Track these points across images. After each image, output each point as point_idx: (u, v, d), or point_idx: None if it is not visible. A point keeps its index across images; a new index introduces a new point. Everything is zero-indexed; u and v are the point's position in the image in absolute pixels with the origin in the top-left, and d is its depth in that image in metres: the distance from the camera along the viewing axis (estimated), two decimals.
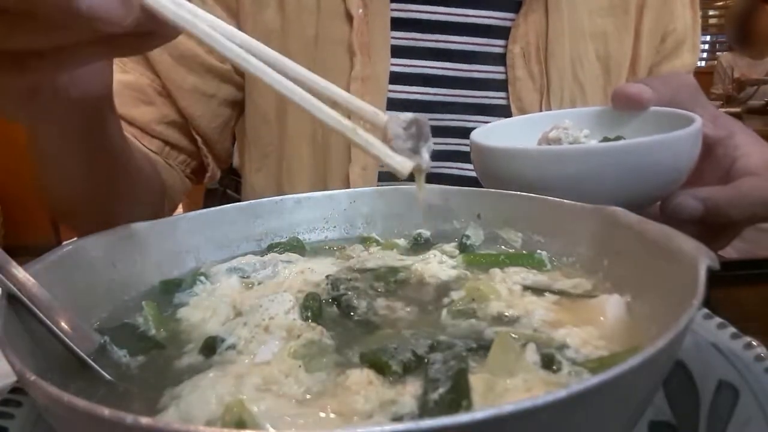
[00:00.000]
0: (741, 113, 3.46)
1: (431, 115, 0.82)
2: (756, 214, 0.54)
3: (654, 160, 0.51)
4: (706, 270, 0.30)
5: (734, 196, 0.54)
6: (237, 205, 0.55)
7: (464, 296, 0.42)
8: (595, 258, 0.44)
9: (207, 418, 0.29)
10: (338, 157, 0.80)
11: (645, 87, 0.59)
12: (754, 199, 0.54)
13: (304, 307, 0.41)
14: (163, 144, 0.82)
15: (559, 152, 0.54)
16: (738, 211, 0.54)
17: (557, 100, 0.81)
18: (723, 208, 0.53)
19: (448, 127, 0.81)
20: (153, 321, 0.40)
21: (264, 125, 0.83)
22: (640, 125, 0.60)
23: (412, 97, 0.81)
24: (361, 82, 0.78)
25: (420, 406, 0.29)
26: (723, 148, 0.58)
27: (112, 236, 0.45)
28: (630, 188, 0.52)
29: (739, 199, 0.54)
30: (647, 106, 0.59)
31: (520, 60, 0.80)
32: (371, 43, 0.77)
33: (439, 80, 0.81)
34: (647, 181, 0.52)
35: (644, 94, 0.59)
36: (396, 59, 0.79)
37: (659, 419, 0.37)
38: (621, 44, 0.84)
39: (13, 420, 0.34)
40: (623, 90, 0.60)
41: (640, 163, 0.51)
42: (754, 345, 0.36)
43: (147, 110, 0.80)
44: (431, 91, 0.81)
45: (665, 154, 0.52)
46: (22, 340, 0.32)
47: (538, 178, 0.53)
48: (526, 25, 0.80)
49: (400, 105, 0.80)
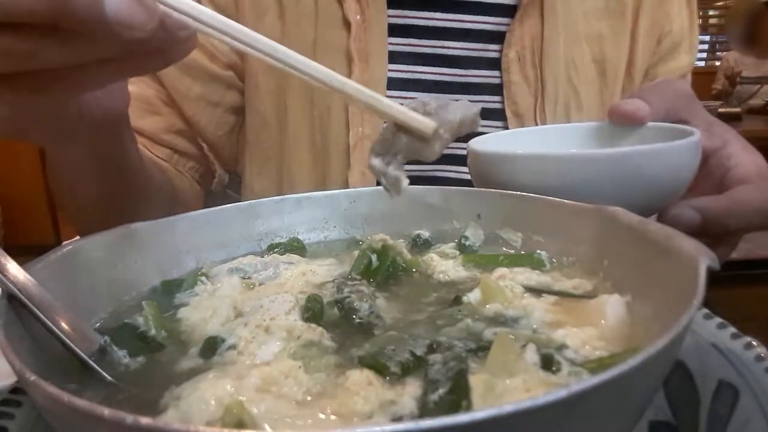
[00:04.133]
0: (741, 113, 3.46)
1: None
2: (751, 223, 0.55)
3: (654, 169, 0.51)
4: (706, 270, 0.30)
5: (729, 206, 0.54)
6: (237, 205, 0.55)
7: (478, 297, 0.41)
8: (595, 258, 0.44)
9: (207, 419, 0.29)
10: (338, 161, 0.80)
11: (641, 103, 0.59)
12: (749, 208, 0.54)
13: (305, 309, 0.41)
14: (171, 152, 0.84)
15: (558, 158, 0.54)
16: (734, 221, 0.54)
17: (552, 104, 0.81)
18: (719, 218, 0.53)
19: None
20: (153, 321, 0.40)
21: (264, 130, 0.84)
22: (637, 139, 0.61)
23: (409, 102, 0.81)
24: None
25: (420, 407, 0.29)
26: (716, 158, 0.58)
27: (112, 236, 0.45)
28: (628, 197, 0.52)
29: (734, 209, 0.54)
30: (644, 122, 0.59)
31: (515, 64, 0.80)
32: (369, 49, 0.78)
33: (435, 85, 0.81)
34: (646, 190, 0.52)
35: (640, 111, 0.59)
36: (393, 65, 0.79)
37: (659, 419, 0.37)
38: (617, 47, 0.85)
39: (13, 420, 0.34)
40: (620, 107, 0.61)
41: (640, 171, 0.51)
42: (754, 345, 0.36)
43: (154, 120, 0.82)
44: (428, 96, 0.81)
45: (665, 163, 0.52)
46: (22, 340, 0.32)
47: (536, 185, 0.52)
48: (522, 29, 0.80)
49: None
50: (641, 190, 0.52)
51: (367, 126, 0.79)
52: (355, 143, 0.79)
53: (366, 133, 0.79)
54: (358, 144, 0.79)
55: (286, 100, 0.81)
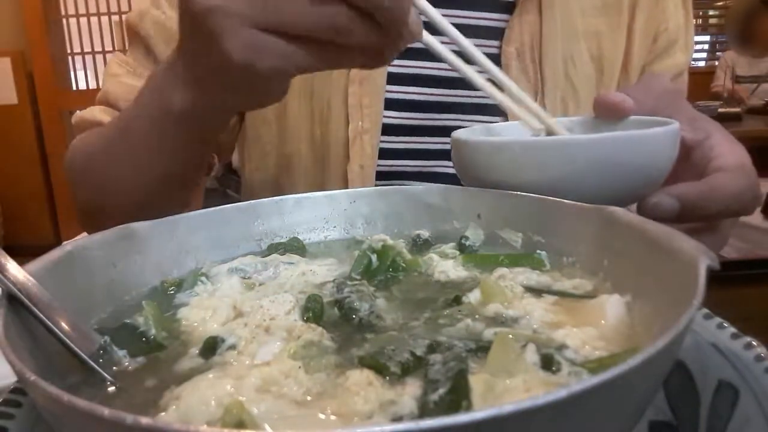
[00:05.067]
0: (741, 113, 3.46)
1: (428, 115, 0.83)
2: (728, 207, 0.56)
3: (631, 155, 0.52)
4: (706, 270, 0.30)
5: (706, 191, 0.55)
6: (237, 205, 0.55)
7: (478, 297, 0.41)
8: (595, 258, 0.44)
9: (207, 419, 0.29)
10: (337, 155, 0.81)
11: (626, 96, 0.61)
12: (724, 193, 0.55)
13: (305, 309, 0.41)
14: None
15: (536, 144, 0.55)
16: (710, 205, 0.55)
17: (551, 100, 0.82)
18: (696, 202, 0.55)
19: (446, 126, 0.82)
20: (153, 321, 0.40)
21: (263, 125, 0.85)
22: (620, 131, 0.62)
23: (409, 97, 0.82)
24: (358, 84, 0.79)
25: (420, 407, 0.29)
26: (700, 150, 0.59)
27: (112, 236, 0.45)
28: (607, 184, 0.53)
29: (710, 193, 0.55)
30: (628, 114, 0.60)
31: (515, 60, 0.81)
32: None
33: (435, 80, 0.82)
34: (623, 176, 0.53)
35: (625, 103, 0.60)
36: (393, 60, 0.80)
37: (659, 419, 0.37)
38: (614, 44, 0.85)
39: (13, 420, 0.34)
40: (606, 97, 0.62)
41: (618, 158, 0.52)
42: (754, 345, 0.36)
43: None
44: (428, 91, 0.82)
45: (643, 149, 0.53)
46: (22, 340, 0.32)
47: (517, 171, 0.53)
48: (521, 26, 0.81)
49: (397, 105, 0.82)
50: (619, 176, 0.53)
51: (367, 120, 0.80)
52: (354, 137, 0.80)
53: (366, 127, 0.80)
54: (357, 138, 0.80)
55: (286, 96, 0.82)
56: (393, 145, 0.83)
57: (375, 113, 0.80)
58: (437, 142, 0.84)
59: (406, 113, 0.83)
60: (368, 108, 0.80)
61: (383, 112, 0.81)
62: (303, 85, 0.81)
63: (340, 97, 0.80)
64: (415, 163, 0.84)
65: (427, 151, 0.84)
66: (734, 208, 0.56)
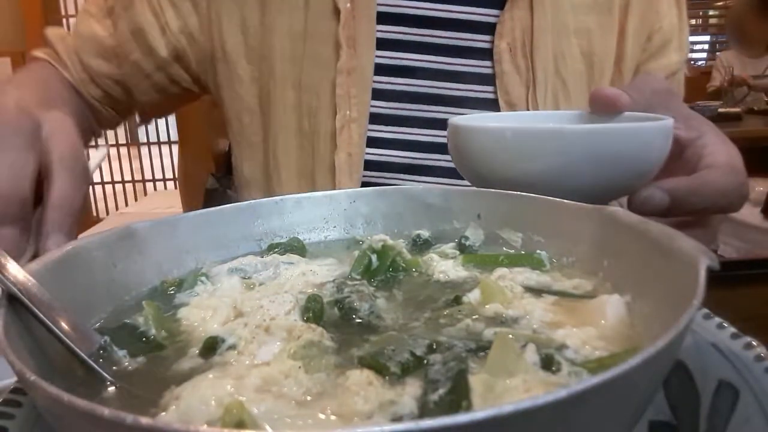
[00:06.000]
0: (741, 113, 3.46)
1: (418, 107, 0.84)
2: (716, 203, 0.58)
3: (624, 147, 0.53)
4: (706, 270, 0.30)
5: (695, 186, 0.57)
6: (237, 205, 0.55)
7: (478, 297, 0.41)
8: (595, 258, 0.44)
9: (207, 419, 0.29)
10: (325, 144, 0.82)
11: (622, 92, 0.61)
12: (713, 189, 0.57)
13: (305, 309, 0.41)
14: (104, 95, 0.91)
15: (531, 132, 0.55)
16: (699, 199, 0.57)
17: (542, 95, 0.83)
18: (685, 197, 0.56)
19: (436, 119, 0.83)
20: (153, 321, 0.40)
21: (248, 116, 0.87)
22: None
23: (399, 88, 0.83)
24: (346, 74, 0.80)
25: (420, 407, 0.29)
26: (693, 148, 0.60)
27: (112, 236, 0.45)
28: (600, 175, 0.53)
29: (699, 188, 0.57)
30: (623, 110, 0.61)
31: (507, 55, 0.82)
32: (357, 35, 0.79)
33: (425, 72, 0.83)
34: (618, 168, 0.54)
35: (621, 98, 0.61)
36: (382, 51, 0.81)
37: (659, 419, 0.37)
38: (605, 41, 0.86)
39: (13, 420, 0.34)
40: (601, 92, 0.62)
41: (612, 149, 0.53)
42: (754, 345, 0.36)
43: (102, 63, 0.89)
44: (417, 82, 0.83)
45: (636, 142, 0.53)
46: (22, 340, 0.32)
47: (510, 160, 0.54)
48: (512, 21, 0.81)
49: (385, 96, 0.83)
50: (612, 168, 0.53)
51: (355, 110, 0.81)
52: (342, 126, 0.81)
53: (353, 116, 0.81)
54: (345, 126, 0.81)
55: (270, 87, 0.84)
56: (380, 134, 0.83)
57: (362, 103, 0.81)
58: (426, 134, 0.84)
59: (394, 103, 0.83)
60: (356, 98, 0.81)
61: (371, 102, 0.82)
62: (288, 79, 0.83)
63: (329, 88, 0.81)
64: (403, 155, 0.84)
65: (416, 143, 0.84)
66: (721, 204, 0.58)
